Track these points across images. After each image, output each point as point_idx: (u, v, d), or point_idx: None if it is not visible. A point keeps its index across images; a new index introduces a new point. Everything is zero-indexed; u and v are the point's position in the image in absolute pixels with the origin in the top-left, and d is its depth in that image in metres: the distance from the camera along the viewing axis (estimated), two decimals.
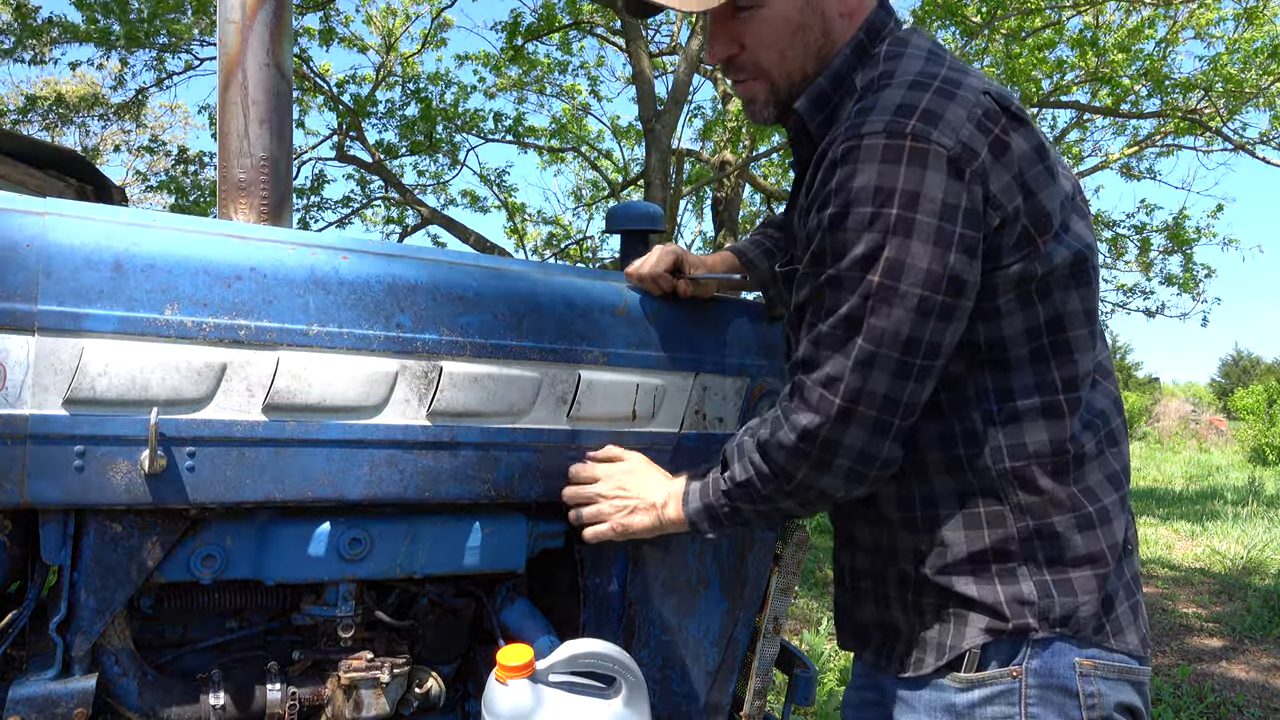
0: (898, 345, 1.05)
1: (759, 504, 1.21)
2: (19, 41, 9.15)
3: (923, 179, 1.02)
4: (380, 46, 10.81)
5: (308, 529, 1.28)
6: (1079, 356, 1.14)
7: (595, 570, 1.51)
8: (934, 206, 1.02)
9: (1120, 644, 1.14)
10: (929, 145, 1.03)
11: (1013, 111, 1.10)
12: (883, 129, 1.05)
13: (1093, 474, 1.15)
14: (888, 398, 1.07)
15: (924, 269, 1.03)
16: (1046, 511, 1.13)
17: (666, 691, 1.57)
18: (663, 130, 8.24)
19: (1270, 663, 4.80)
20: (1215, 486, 13.05)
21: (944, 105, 1.05)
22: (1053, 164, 1.12)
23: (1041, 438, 1.13)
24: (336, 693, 1.32)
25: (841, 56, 1.19)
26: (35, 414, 1.07)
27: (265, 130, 1.46)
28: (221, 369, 1.16)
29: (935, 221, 1.03)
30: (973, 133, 1.04)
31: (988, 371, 1.13)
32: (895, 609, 1.24)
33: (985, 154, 1.05)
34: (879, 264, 1.04)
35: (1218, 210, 11.70)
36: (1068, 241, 1.12)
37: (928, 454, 1.17)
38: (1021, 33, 9.17)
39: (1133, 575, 1.20)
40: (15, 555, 1.18)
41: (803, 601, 5.48)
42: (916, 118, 1.04)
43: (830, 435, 1.10)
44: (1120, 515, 1.17)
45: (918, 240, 1.03)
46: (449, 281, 1.31)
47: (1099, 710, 1.12)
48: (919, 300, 1.04)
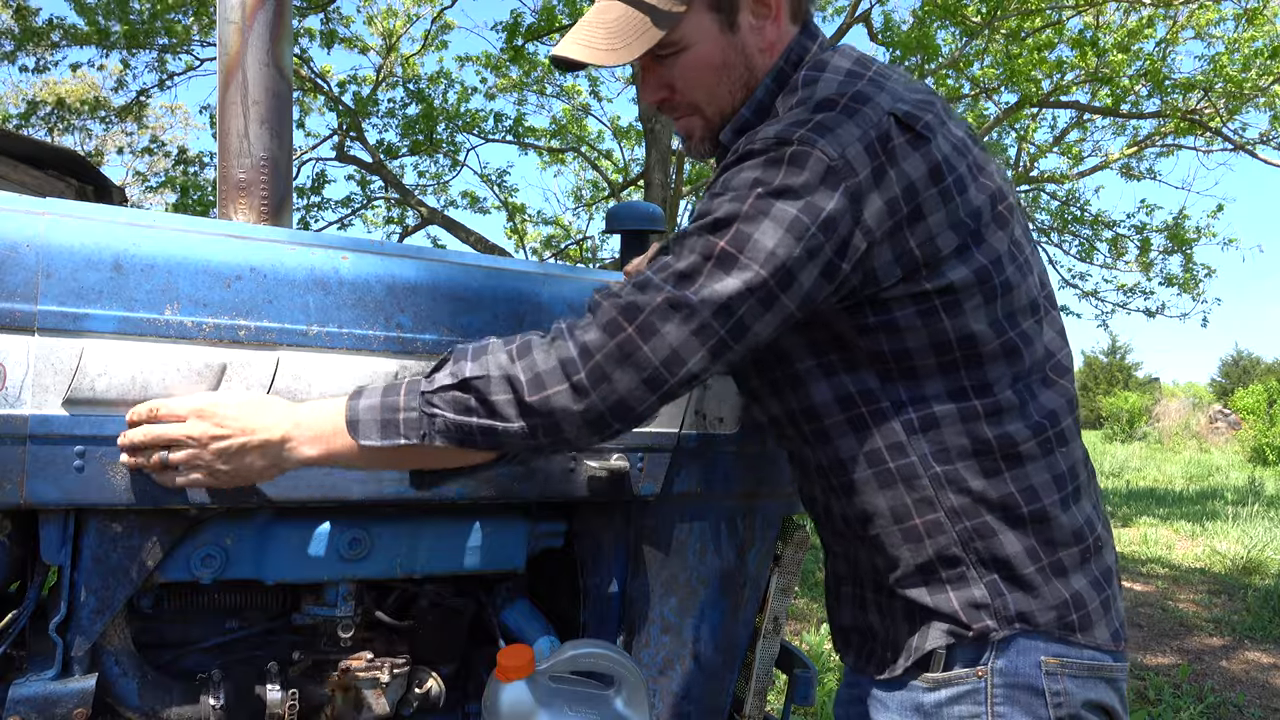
0: (712, 307, 1.04)
1: (470, 414, 1.06)
2: (19, 45, 9.14)
3: (797, 176, 1.04)
4: (381, 48, 10.81)
5: (308, 529, 1.28)
6: (996, 364, 1.13)
7: (595, 570, 1.51)
8: (799, 202, 1.03)
9: (1088, 639, 1.14)
10: (811, 150, 1.04)
11: (917, 130, 1.09)
12: (773, 136, 1.07)
13: (1036, 474, 1.15)
14: (677, 353, 1.05)
15: (768, 249, 1.03)
16: (980, 512, 1.13)
17: (666, 691, 1.57)
18: (663, 130, 8.24)
19: (1270, 663, 4.80)
20: (1215, 486, 13.05)
21: (839, 121, 1.07)
22: (961, 178, 1.11)
23: (962, 441, 1.13)
24: (336, 693, 1.32)
25: (763, 86, 1.22)
26: (35, 414, 1.07)
27: (265, 130, 1.46)
28: (221, 369, 1.16)
29: (795, 213, 1.03)
30: (859, 152, 1.05)
31: (899, 382, 1.13)
32: (871, 613, 1.25)
33: (865, 175, 1.05)
34: (729, 232, 1.04)
35: (1218, 210, 11.71)
36: (974, 257, 1.11)
37: (857, 472, 1.17)
38: (1021, 33, 9.17)
39: (1103, 571, 1.19)
40: (15, 555, 1.18)
41: (803, 601, 5.48)
42: (808, 128, 1.06)
43: (605, 361, 1.04)
44: (1066, 515, 1.16)
45: (772, 222, 1.03)
46: (449, 281, 1.31)
47: (1066, 708, 1.12)
48: (751, 275, 1.04)
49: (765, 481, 1.59)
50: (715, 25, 1.19)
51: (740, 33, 1.20)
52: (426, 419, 1.07)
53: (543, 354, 1.06)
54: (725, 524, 1.58)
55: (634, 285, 1.08)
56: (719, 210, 1.06)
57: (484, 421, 1.06)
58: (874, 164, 1.05)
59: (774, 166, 1.05)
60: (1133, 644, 4.91)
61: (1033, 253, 1.22)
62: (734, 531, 1.59)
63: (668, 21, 1.16)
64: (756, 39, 1.21)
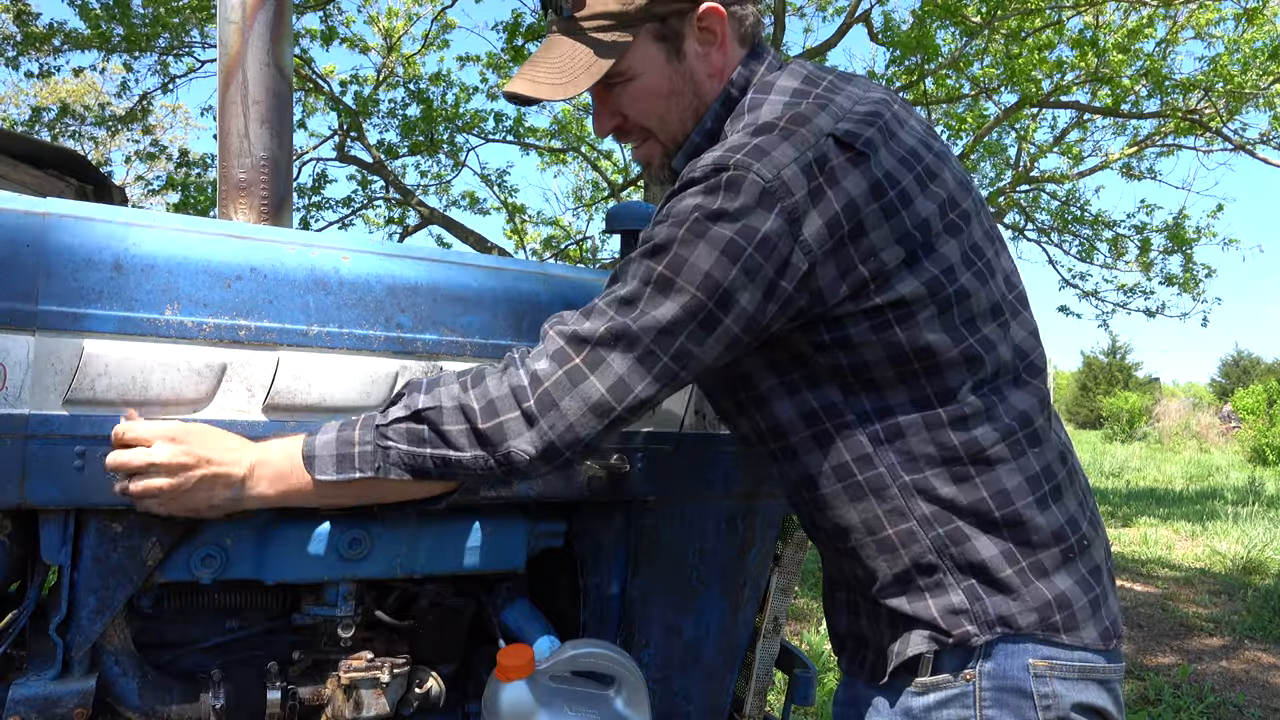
0: (652, 333, 1.06)
1: (424, 445, 1.08)
2: (21, 50, 9.14)
3: (733, 200, 1.05)
4: (382, 48, 10.81)
5: (308, 529, 1.28)
6: (955, 373, 1.13)
7: (595, 570, 1.51)
8: (735, 225, 1.05)
9: (1074, 639, 1.13)
10: (746, 174, 1.06)
11: (857, 149, 1.09)
12: (711, 163, 1.09)
13: (1008, 477, 1.14)
14: (623, 380, 1.07)
15: (704, 271, 1.05)
16: (951, 519, 1.14)
17: (666, 691, 1.57)
18: None
19: (1270, 663, 4.80)
20: (1215, 486, 13.06)
21: (775, 144, 1.08)
22: (905, 192, 1.11)
23: (929, 449, 1.13)
24: (336, 693, 1.32)
25: (712, 111, 1.24)
26: (35, 414, 1.07)
27: (265, 130, 1.46)
28: (221, 369, 1.16)
29: (729, 235, 1.05)
30: (795, 173, 1.06)
31: (862, 394, 1.14)
32: (862, 619, 1.25)
33: (801, 196, 1.06)
34: (666, 256, 1.06)
35: (1218, 210, 11.69)
36: (923, 268, 1.11)
37: (828, 488, 1.18)
38: (1021, 33, 9.17)
39: (1090, 569, 1.18)
40: (15, 555, 1.18)
41: (803, 601, 5.49)
42: (744, 153, 1.08)
43: (556, 394, 1.06)
44: (1044, 515, 1.15)
45: (706, 244, 1.05)
46: (449, 281, 1.31)
47: (1055, 711, 1.12)
48: (688, 299, 1.05)
49: (765, 481, 1.59)
50: (662, 54, 1.21)
51: (686, 60, 1.22)
52: (381, 451, 1.09)
53: (495, 381, 1.09)
54: (725, 524, 1.58)
55: (581, 314, 1.10)
56: (658, 236, 1.08)
57: (438, 452, 1.09)
58: (811, 184, 1.07)
59: (712, 193, 1.07)
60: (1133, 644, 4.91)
61: (996, 255, 1.21)
62: (734, 531, 1.59)
63: (613, 53, 1.18)
64: (703, 65, 1.23)
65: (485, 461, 1.08)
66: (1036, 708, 1.12)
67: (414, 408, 1.09)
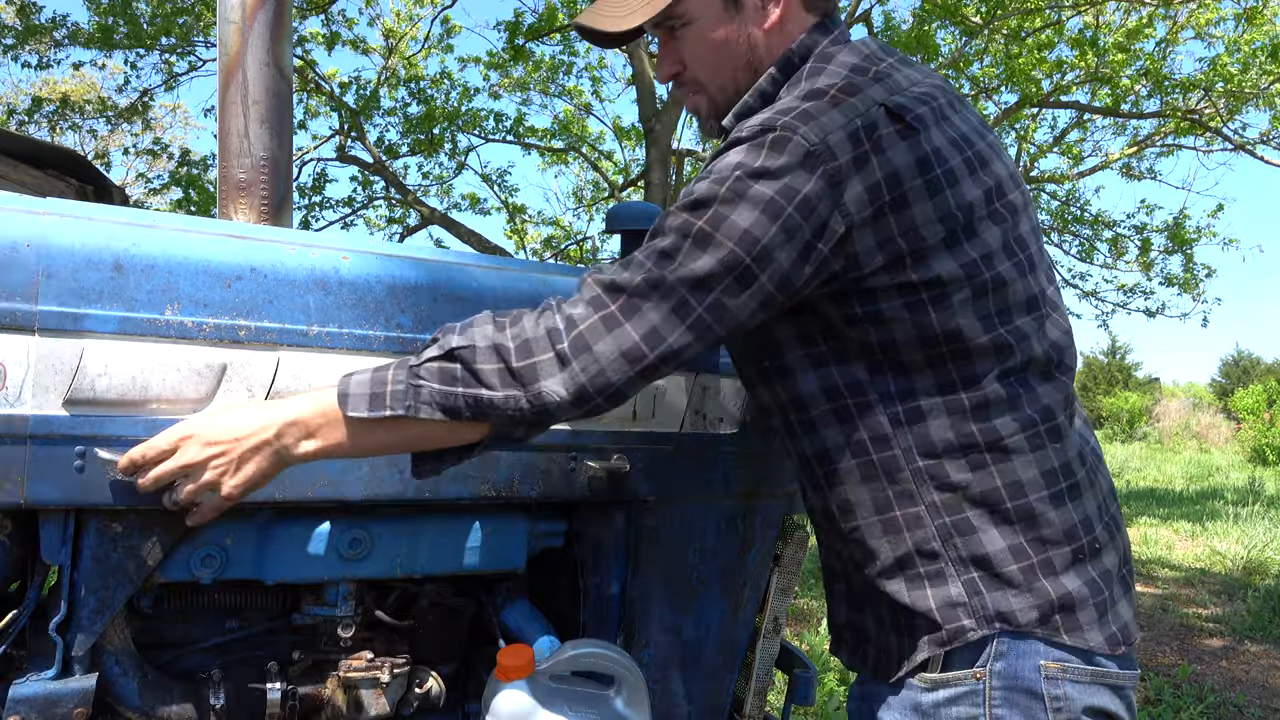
0: (687, 285, 1.06)
1: (456, 384, 1.07)
2: (20, 41, 9.13)
3: (776, 159, 1.06)
4: (384, 49, 10.82)
5: (308, 529, 1.28)
6: (984, 360, 1.13)
7: (595, 570, 1.51)
8: (776, 184, 1.06)
9: (1077, 640, 1.12)
10: (792, 135, 1.07)
11: (907, 122, 1.10)
12: (759, 124, 1.10)
13: (1024, 469, 1.14)
14: (656, 330, 1.07)
15: (743, 228, 1.05)
16: (961, 507, 1.13)
17: (666, 691, 1.57)
18: (662, 130, 8.24)
19: (1270, 663, 4.80)
20: (1215, 486, 13.05)
21: (824, 110, 1.09)
22: (952, 171, 1.11)
23: (948, 435, 1.13)
24: (336, 693, 1.32)
25: (769, 76, 1.24)
26: (35, 414, 1.07)
27: (265, 130, 1.46)
28: (222, 369, 1.16)
29: (770, 194, 1.06)
30: (841, 139, 1.07)
31: (888, 374, 1.14)
32: (863, 613, 1.25)
33: (846, 160, 1.07)
34: (707, 212, 1.07)
35: (1218, 210, 11.69)
36: (963, 251, 1.11)
37: (841, 463, 1.18)
38: (1021, 33, 9.17)
39: (1101, 573, 1.16)
40: (15, 555, 1.18)
41: (803, 601, 5.48)
42: (792, 115, 1.09)
43: (589, 333, 1.07)
44: (1058, 513, 1.14)
45: (747, 204, 1.06)
46: (449, 281, 1.31)
47: (1066, 713, 1.11)
48: (726, 254, 1.06)
49: (765, 481, 1.59)
50: (719, 2, 1.22)
51: (744, 12, 1.22)
52: (413, 390, 1.08)
53: (531, 323, 1.09)
54: (725, 524, 1.58)
55: (619, 264, 1.11)
56: (699, 192, 1.09)
57: (470, 391, 1.07)
58: (856, 151, 1.07)
59: (756, 151, 1.08)
60: None
61: (1038, 251, 1.22)
62: (734, 531, 1.59)
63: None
64: (760, 20, 1.23)
65: (517, 401, 1.07)
66: (1047, 709, 1.11)
67: (448, 347, 1.09)
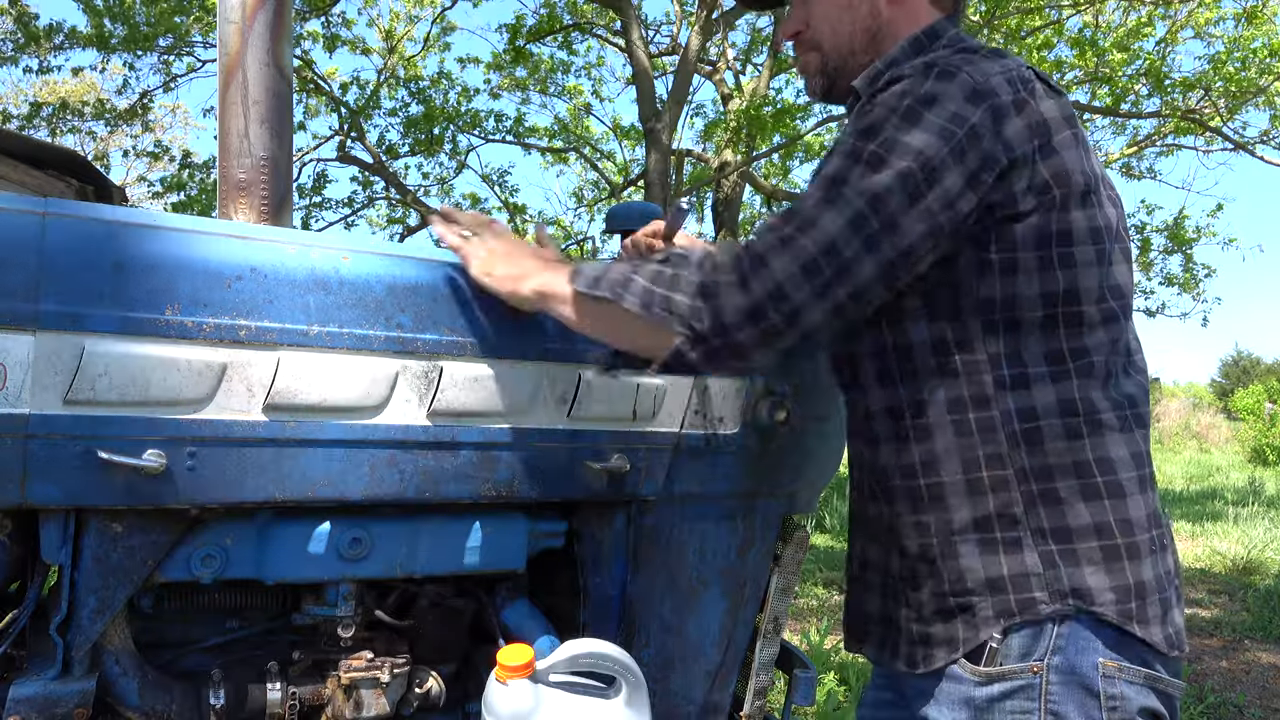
0: (864, 198, 1.08)
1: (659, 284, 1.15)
2: (20, 48, 9.14)
3: (943, 90, 1.10)
4: (383, 49, 10.82)
5: (308, 529, 1.28)
6: (1093, 332, 1.15)
7: (595, 570, 1.51)
8: (945, 111, 1.09)
9: (1144, 632, 1.12)
10: (957, 72, 1.11)
11: (1050, 83, 1.17)
12: (921, 64, 1.15)
13: (1114, 447, 1.15)
14: (833, 242, 1.07)
15: (916, 148, 1.08)
16: (1051, 475, 1.13)
17: (666, 691, 1.57)
18: (663, 130, 8.25)
19: (1270, 663, 4.80)
20: (1215, 486, 13.05)
21: (979, 60, 1.15)
22: (1082, 136, 1.17)
23: (1050, 400, 1.14)
24: (336, 693, 1.32)
25: (899, 47, 1.28)
26: (35, 414, 1.07)
27: (265, 130, 1.46)
28: (222, 369, 1.16)
29: (941, 121, 1.08)
30: (1001, 81, 1.12)
31: (1001, 334, 1.15)
32: (900, 601, 1.24)
33: (1007, 99, 1.11)
34: (878, 137, 1.10)
35: (1218, 210, 11.69)
36: (1094, 215, 1.15)
37: (934, 417, 1.18)
38: (1021, 32, 9.17)
39: (1165, 572, 1.18)
40: (15, 555, 1.18)
41: (803, 601, 5.48)
42: (953, 59, 1.14)
43: (766, 252, 1.09)
44: (1141, 497, 1.16)
45: (919, 128, 1.09)
46: (449, 281, 1.31)
47: (1121, 713, 1.11)
48: (901, 170, 1.07)
49: (765, 481, 1.59)
50: None
51: None
52: (627, 280, 1.17)
53: (724, 251, 1.14)
54: (725, 524, 1.58)
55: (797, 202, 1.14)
56: (869, 119, 1.12)
57: (666, 292, 1.14)
58: (1014, 94, 1.12)
59: (921, 81, 1.12)
60: None
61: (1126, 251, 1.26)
62: (734, 531, 1.59)
63: None
64: None
65: (699, 314, 1.11)
66: (1102, 708, 1.10)
67: (668, 254, 1.19)
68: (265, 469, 1.20)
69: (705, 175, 10.96)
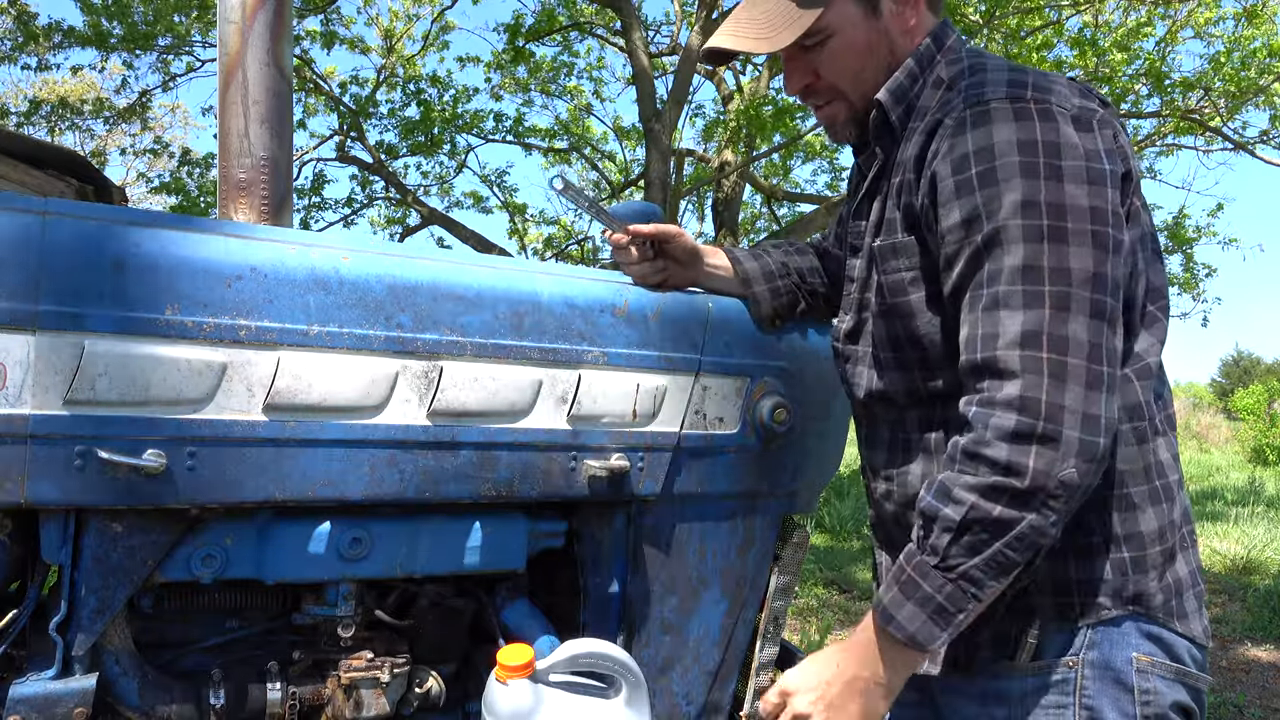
0: (1086, 284, 1.02)
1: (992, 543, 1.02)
2: (19, 46, 9.15)
3: (1058, 131, 1.07)
4: (382, 49, 10.82)
5: (308, 529, 1.28)
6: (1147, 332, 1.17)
7: (595, 570, 1.51)
8: (1076, 151, 1.06)
9: (1185, 628, 1.14)
10: (1051, 106, 1.08)
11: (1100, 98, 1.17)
12: (1005, 95, 1.10)
13: (1161, 449, 1.17)
14: (1093, 344, 1.01)
15: (1086, 207, 1.04)
16: (1124, 481, 1.14)
17: (666, 691, 1.57)
18: (663, 130, 8.25)
19: (1270, 663, 4.80)
20: (1215, 486, 13.05)
21: (1048, 82, 1.12)
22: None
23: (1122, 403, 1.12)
24: (336, 692, 1.32)
25: (914, 56, 1.26)
26: (36, 414, 1.07)
27: (265, 130, 1.46)
28: (222, 369, 1.16)
29: (1081, 163, 1.06)
30: (1082, 101, 1.11)
31: None
32: None
33: (1098, 115, 1.10)
34: (1041, 207, 1.04)
35: (1218, 209, 11.68)
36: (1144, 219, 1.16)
37: None
38: (1021, 32, 9.17)
39: (1196, 566, 1.20)
40: (16, 555, 1.18)
41: (803, 601, 5.48)
42: (1030, 89, 1.10)
43: (1051, 397, 0.99)
44: (1180, 496, 1.17)
45: (1070, 183, 1.05)
46: (449, 281, 1.31)
47: (1154, 707, 1.12)
48: (1092, 235, 1.03)
49: (765, 481, 1.59)
50: (859, 11, 1.24)
51: (883, 18, 1.25)
52: (963, 582, 1.04)
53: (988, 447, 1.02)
54: (725, 524, 1.58)
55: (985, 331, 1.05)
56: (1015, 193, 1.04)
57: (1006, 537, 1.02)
58: (1096, 105, 1.11)
59: (1027, 123, 1.07)
60: None
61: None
62: (734, 531, 1.59)
63: (815, 6, 1.21)
64: (899, 23, 1.26)
65: (1047, 509, 1.01)
66: (1135, 702, 1.11)
67: (951, 527, 1.03)
68: (265, 469, 1.20)
69: (705, 175, 10.96)
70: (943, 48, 1.27)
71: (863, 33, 1.24)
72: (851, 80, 1.27)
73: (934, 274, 1.17)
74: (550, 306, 1.37)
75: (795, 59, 1.28)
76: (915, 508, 1.12)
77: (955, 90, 1.17)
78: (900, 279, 1.21)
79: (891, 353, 1.26)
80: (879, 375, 1.29)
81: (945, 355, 1.20)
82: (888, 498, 1.33)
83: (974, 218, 1.07)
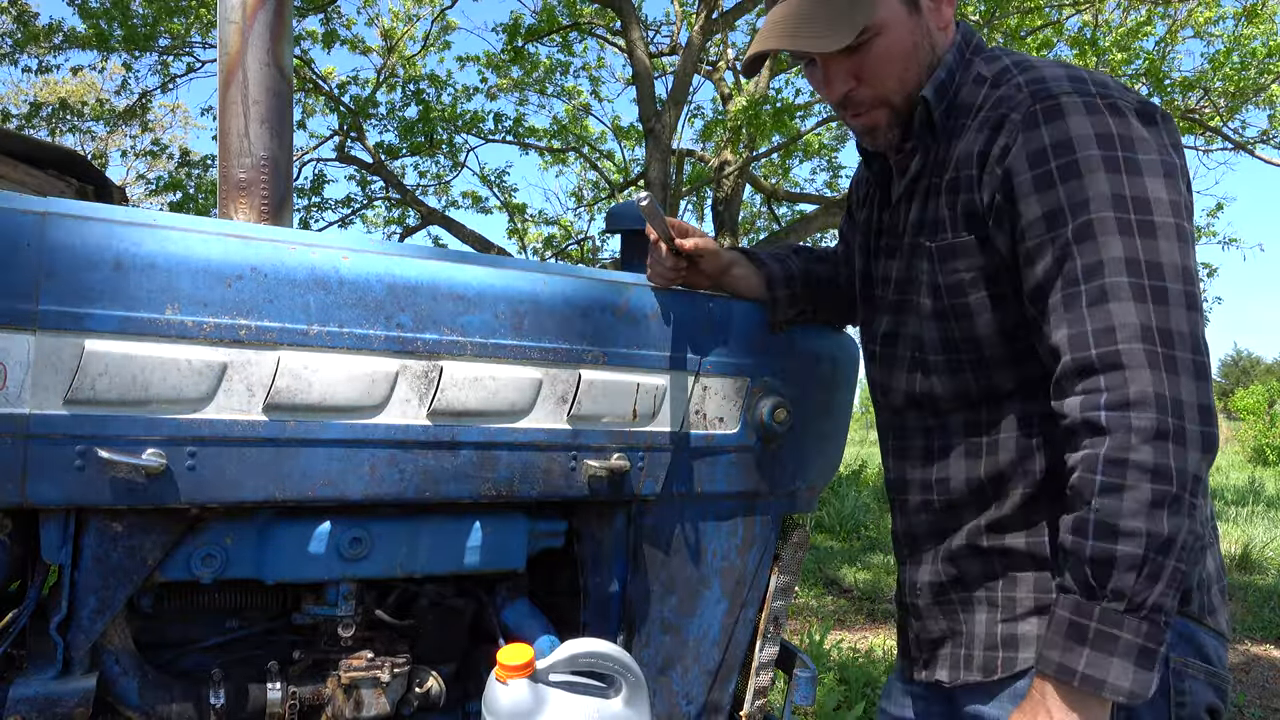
0: (1178, 276, 1.02)
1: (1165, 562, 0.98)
2: (19, 46, 9.15)
3: (1129, 125, 1.07)
4: (382, 49, 10.82)
5: (308, 528, 1.28)
6: None
7: (595, 570, 1.51)
8: (1148, 145, 1.06)
9: (1215, 622, 1.15)
10: (1116, 100, 1.09)
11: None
12: (1071, 89, 1.10)
13: None
14: (1194, 335, 1.01)
15: (1167, 200, 1.04)
16: None
17: (666, 691, 1.57)
18: (663, 130, 8.25)
19: (1270, 663, 4.80)
20: (1215, 486, 13.06)
21: (1103, 78, 1.13)
22: None
23: None
24: (337, 692, 1.32)
25: (951, 54, 1.25)
26: (36, 414, 1.07)
27: (265, 130, 1.46)
28: (222, 369, 1.16)
29: (1156, 157, 1.06)
30: (1135, 96, 1.11)
31: None
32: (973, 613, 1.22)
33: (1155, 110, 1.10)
34: (1128, 201, 1.04)
35: (1218, 209, 11.68)
36: None
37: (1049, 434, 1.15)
38: (1021, 32, 9.17)
39: (1220, 562, 1.20)
40: (16, 555, 1.18)
41: (803, 601, 5.48)
42: (1092, 84, 1.10)
43: (1173, 392, 0.97)
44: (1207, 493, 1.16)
45: (1149, 176, 1.05)
46: (449, 281, 1.31)
47: (1189, 709, 1.11)
48: (1175, 229, 1.04)
49: (765, 481, 1.59)
50: (903, 8, 1.22)
51: (922, 14, 1.24)
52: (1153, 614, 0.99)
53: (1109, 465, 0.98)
54: (725, 524, 1.58)
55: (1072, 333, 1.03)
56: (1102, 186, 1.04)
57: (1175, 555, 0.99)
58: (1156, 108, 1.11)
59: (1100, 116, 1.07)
60: None
61: None
62: (734, 531, 1.59)
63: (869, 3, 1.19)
64: (936, 19, 1.25)
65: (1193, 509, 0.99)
66: (1171, 704, 1.11)
67: (1136, 564, 0.98)
68: (265, 469, 1.20)
69: (705, 175, 10.95)
70: (971, 44, 1.26)
71: (908, 30, 1.22)
72: (896, 83, 1.23)
73: (995, 274, 1.16)
74: (550, 306, 1.37)
75: (837, 62, 1.23)
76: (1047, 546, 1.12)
77: (1007, 86, 1.16)
78: (960, 280, 1.19)
79: (943, 355, 1.24)
80: (923, 378, 1.27)
81: (1005, 356, 1.18)
82: (924, 509, 1.30)
83: (1057, 210, 1.07)
